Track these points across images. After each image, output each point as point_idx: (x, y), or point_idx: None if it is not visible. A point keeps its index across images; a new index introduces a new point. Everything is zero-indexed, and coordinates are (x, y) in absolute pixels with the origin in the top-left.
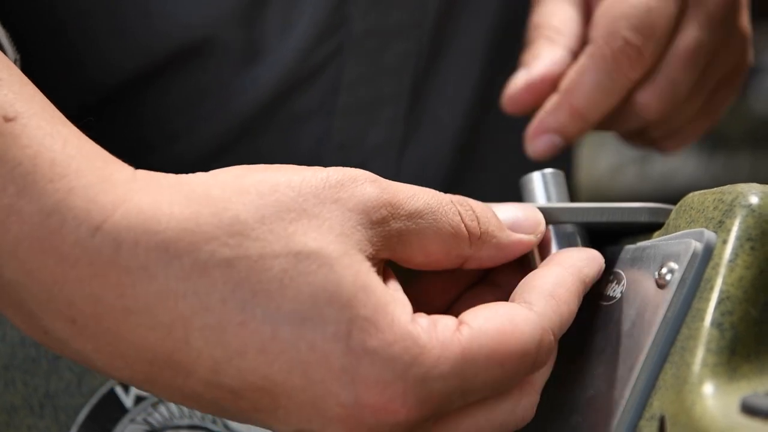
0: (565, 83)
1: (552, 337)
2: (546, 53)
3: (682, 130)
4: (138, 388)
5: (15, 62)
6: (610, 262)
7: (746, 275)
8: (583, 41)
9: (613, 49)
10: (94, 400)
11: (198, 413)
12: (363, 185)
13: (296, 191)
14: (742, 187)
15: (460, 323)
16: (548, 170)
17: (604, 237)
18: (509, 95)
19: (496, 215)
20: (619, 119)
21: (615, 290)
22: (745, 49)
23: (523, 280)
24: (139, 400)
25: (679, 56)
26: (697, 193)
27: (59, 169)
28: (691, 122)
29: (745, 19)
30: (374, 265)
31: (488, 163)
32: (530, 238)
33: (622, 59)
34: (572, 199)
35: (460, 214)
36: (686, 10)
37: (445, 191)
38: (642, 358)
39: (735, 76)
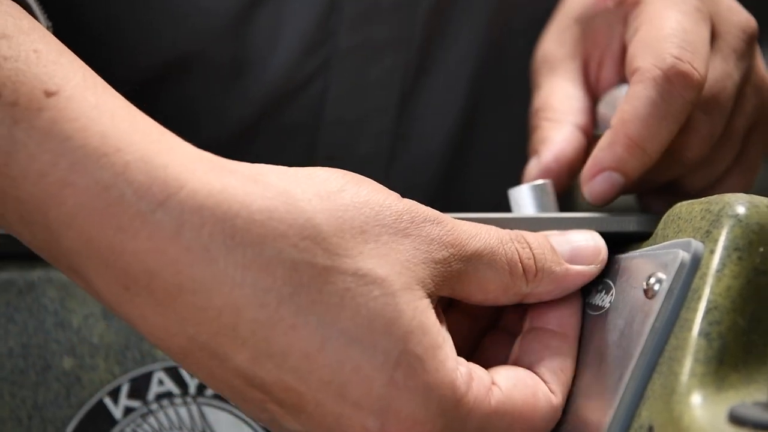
0: (617, 116)
1: (560, 415)
2: (554, 135)
3: (720, 184)
4: (171, 358)
5: (48, 29)
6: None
7: (734, 285)
8: (590, 117)
9: (664, 69)
10: (82, 412)
11: (187, 424)
12: (431, 225)
13: (375, 213)
14: (728, 197)
15: (493, 383)
16: (538, 181)
17: None
18: None
19: (553, 249)
20: (654, 169)
21: (604, 300)
22: (766, 99)
23: (527, 341)
24: (128, 411)
25: (709, 89)
26: (684, 202)
27: (112, 142)
28: (728, 175)
29: (761, 66)
30: (432, 302)
31: (476, 173)
32: (590, 270)
33: (675, 78)
34: (571, 204)
35: (517, 251)
36: (712, 41)
37: (433, 201)
38: (630, 367)
39: (764, 125)
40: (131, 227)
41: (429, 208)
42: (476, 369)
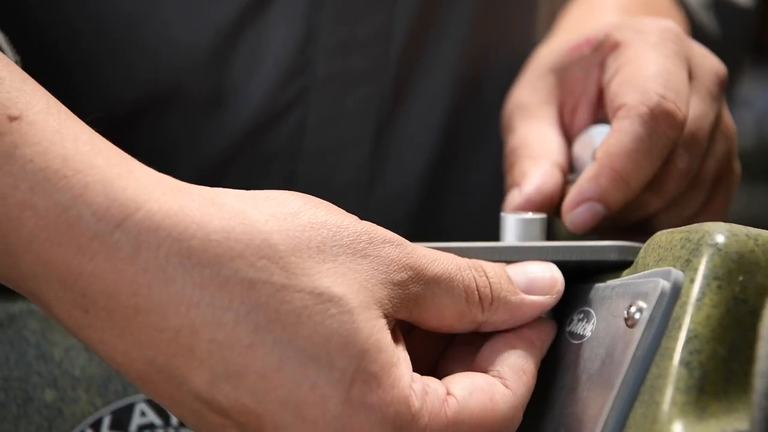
0: (602, 149)
1: (521, 415)
2: (534, 169)
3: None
4: (132, 382)
5: (17, 63)
6: (580, 301)
7: (713, 314)
8: (567, 158)
9: (650, 107)
10: None
11: None
12: (390, 247)
13: (332, 234)
14: (708, 225)
15: (448, 394)
16: (527, 215)
17: (574, 275)
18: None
19: (509, 279)
20: (631, 204)
21: (585, 329)
22: (732, 147)
23: (491, 343)
24: None
25: (689, 127)
26: (665, 231)
27: (73, 164)
28: (696, 219)
29: (728, 114)
30: (389, 323)
31: (455, 200)
32: (545, 300)
33: (660, 116)
34: (552, 232)
35: (474, 279)
36: (690, 83)
37: (413, 229)
38: (612, 397)
39: (729, 174)
40: (89, 249)
41: (388, 231)
42: (431, 382)
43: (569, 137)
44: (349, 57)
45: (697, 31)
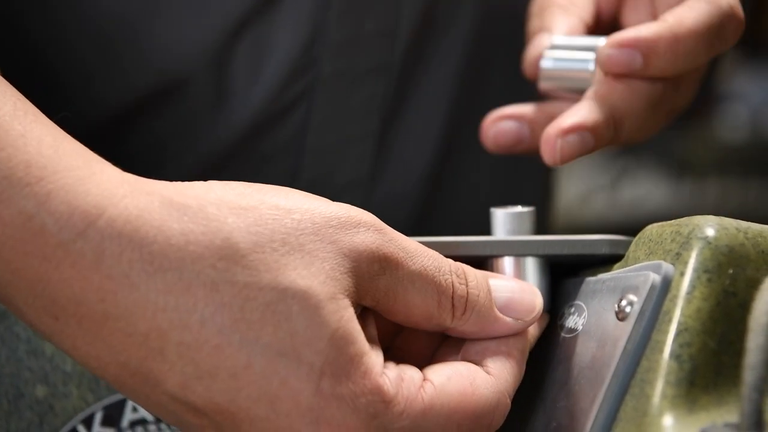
0: (673, 14)
1: (508, 401)
2: (563, 18)
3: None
4: (110, 385)
5: None
6: (571, 295)
7: (703, 307)
8: (594, 20)
9: (727, 7)
10: None
11: None
12: (365, 233)
13: (296, 223)
14: (698, 219)
15: (425, 380)
16: (516, 208)
17: (565, 269)
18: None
19: (489, 292)
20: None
21: (576, 322)
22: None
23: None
24: None
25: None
26: (655, 225)
27: (35, 171)
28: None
29: None
30: (357, 309)
31: (457, 199)
32: (518, 325)
33: (732, 20)
34: (544, 226)
35: (453, 285)
36: None
37: (415, 226)
38: (603, 390)
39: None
40: (54, 257)
41: (373, 217)
42: (407, 369)
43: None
44: (355, 55)
45: None
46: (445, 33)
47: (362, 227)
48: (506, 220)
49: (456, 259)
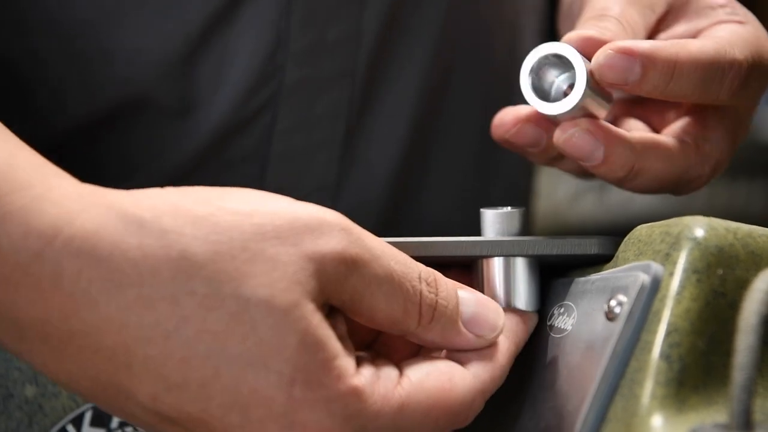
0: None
1: (483, 400)
2: (594, 21)
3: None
4: (84, 399)
5: None
6: (561, 295)
7: (693, 307)
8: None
9: (738, 58)
10: None
11: None
12: (329, 235)
13: (257, 228)
14: (688, 219)
15: (402, 376)
16: (506, 209)
17: (555, 269)
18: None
19: (457, 305)
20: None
21: (566, 323)
22: None
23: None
24: None
25: None
26: (644, 225)
27: None
28: None
29: None
30: (324, 310)
31: (423, 202)
32: (477, 342)
33: (729, 68)
34: (529, 227)
35: (421, 293)
36: None
37: (381, 232)
38: (592, 390)
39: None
40: (13, 279)
41: (340, 217)
42: (383, 366)
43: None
44: (319, 62)
45: None
46: (409, 38)
47: (327, 228)
48: (495, 221)
49: (444, 260)
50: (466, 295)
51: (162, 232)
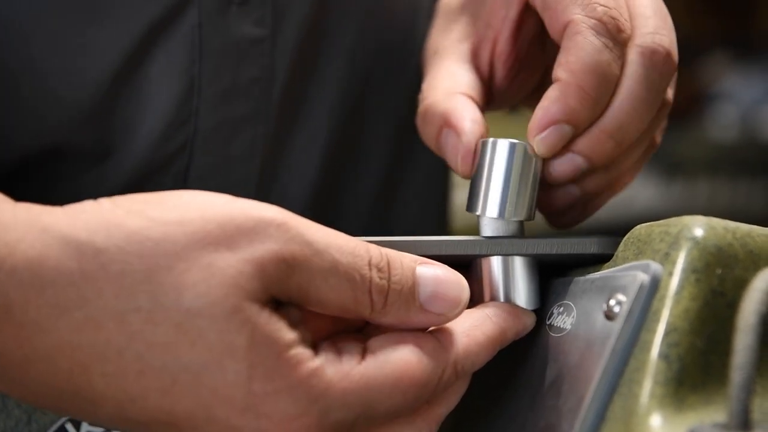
0: (562, 68)
1: (454, 372)
2: (452, 104)
3: (621, 177)
4: (56, 414)
5: None
6: (560, 294)
7: (692, 307)
8: (480, 92)
9: (598, 18)
10: None
11: None
12: (264, 234)
13: (189, 236)
14: (687, 219)
15: (366, 351)
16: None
17: (554, 269)
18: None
19: (413, 286)
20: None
21: (565, 322)
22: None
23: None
24: None
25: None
26: (644, 225)
27: None
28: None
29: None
30: (272, 304)
31: (340, 229)
32: (439, 319)
33: (611, 26)
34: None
35: (371, 281)
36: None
37: None
38: (591, 389)
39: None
40: None
41: (281, 212)
42: (346, 346)
43: (492, 72)
44: (233, 104)
45: None
46: (321, 71)
47: (263, 227)
48: (493, 224)
49: (441, 259)
50: (426, 273)
51: (97, 252)
